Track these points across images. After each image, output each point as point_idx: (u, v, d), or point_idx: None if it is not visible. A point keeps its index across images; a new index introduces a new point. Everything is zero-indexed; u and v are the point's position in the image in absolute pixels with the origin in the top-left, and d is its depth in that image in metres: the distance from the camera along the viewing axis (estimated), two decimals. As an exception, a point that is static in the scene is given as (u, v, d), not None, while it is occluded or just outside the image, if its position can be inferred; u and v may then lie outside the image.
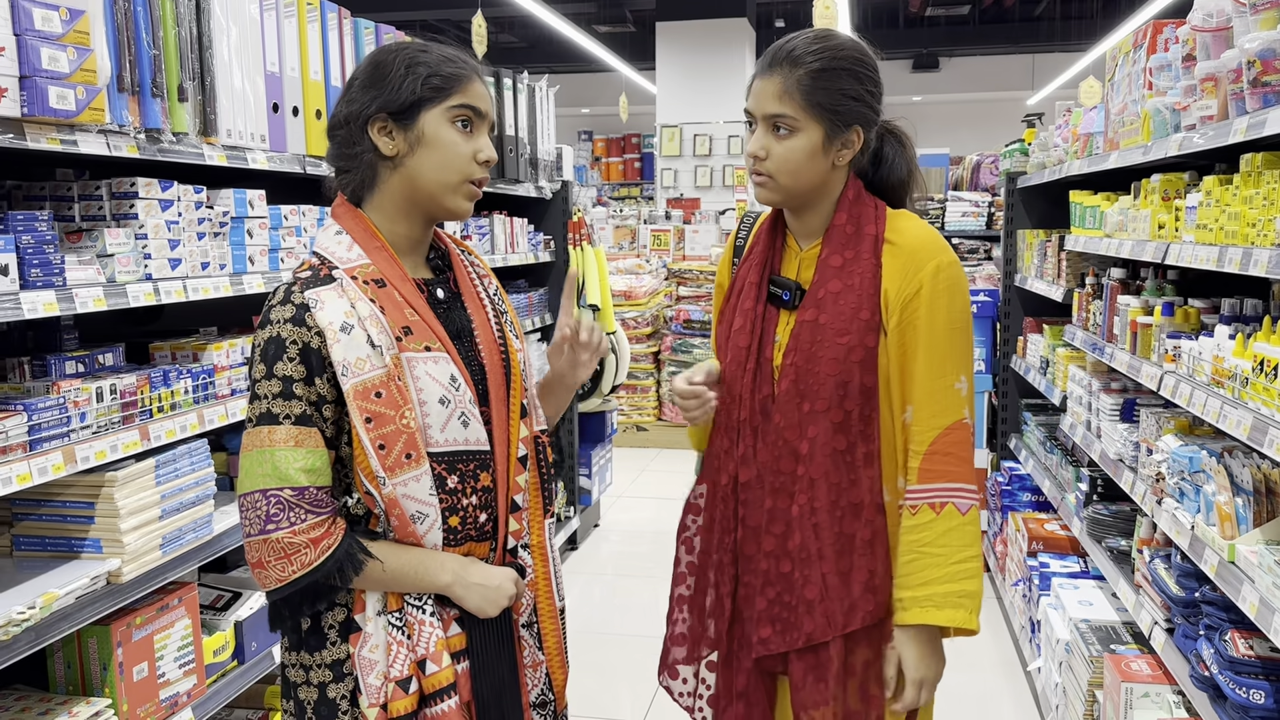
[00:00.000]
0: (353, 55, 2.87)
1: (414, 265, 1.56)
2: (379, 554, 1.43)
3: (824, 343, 1.64)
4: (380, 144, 1.48)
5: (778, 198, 1.69)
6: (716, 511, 1.76)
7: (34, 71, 1.74)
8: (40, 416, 1.85)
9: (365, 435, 1.40)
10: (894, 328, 1.64)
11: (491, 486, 1.52)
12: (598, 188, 15.37)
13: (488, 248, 3.92)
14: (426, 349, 1.46)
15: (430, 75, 1.46)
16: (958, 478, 1.63)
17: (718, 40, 10.10)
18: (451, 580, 1.47)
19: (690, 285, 7.37)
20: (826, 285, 1.66)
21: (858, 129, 1.66)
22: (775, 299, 1.73)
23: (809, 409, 1.65)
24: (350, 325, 1.41)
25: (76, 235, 2.06)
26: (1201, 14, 2.19)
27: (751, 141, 1.67)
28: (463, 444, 1.48)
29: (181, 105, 2.16)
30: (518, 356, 1.59)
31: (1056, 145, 3.89)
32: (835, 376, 1.63)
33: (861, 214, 1.69)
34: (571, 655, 1.78)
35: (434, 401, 1.45)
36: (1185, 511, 2.25)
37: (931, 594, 1.60)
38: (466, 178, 1.49)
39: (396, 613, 1.46)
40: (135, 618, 2.11)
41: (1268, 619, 1.78)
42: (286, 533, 1.39)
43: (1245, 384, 1.99)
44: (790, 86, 1.61)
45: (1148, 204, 2.70)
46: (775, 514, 1.69)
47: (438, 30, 13.68)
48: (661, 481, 6.28)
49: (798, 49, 1.63)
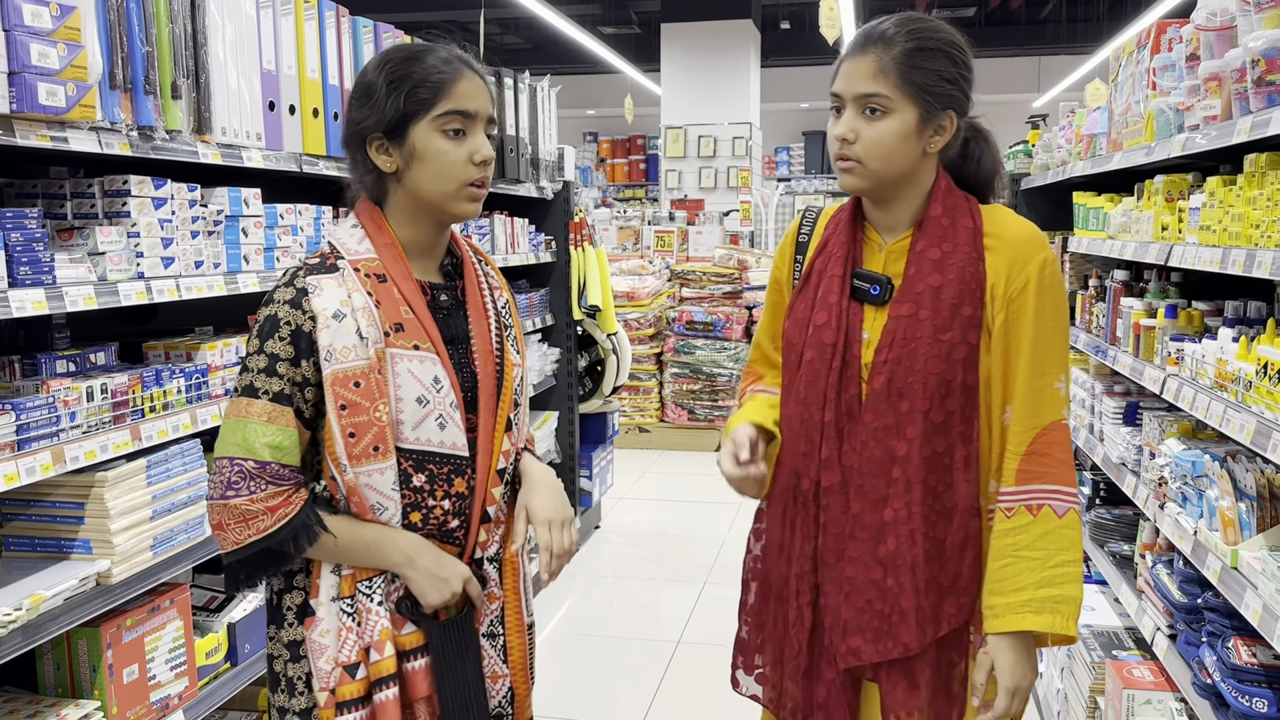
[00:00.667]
0: (351, 53, 2.86)
1: (424, 268, 1.58)
2: (334, 527, 1.48)
3: (924, 339, 1.56)
4: (379, 162, 1.52)
5: (865, 185, 1.60)
6: (795, 518, 1.68)
7: (23, 67, 1.72)
8: (28, 416, 1.83)
9: (336, 421, 1.44)
10: (999, 325, 1.57)
11: (466, 493, 1.54)
12: (603, 189, 15.36)
13: (488, 247, 3.90)
14: (415, 347, 1.49)
15: (414, 88, 1.47)
16: (1056, 479, 1.56)
17: (722, 42, 10.09)
18: (402, 561, 1.49)
19: (693, 286, 7.35)
20: (926, 279, 1.58)
21: (951, 114, 1.58)
22: (860, 294, 1.64)
23: (907, 409, 1.57)
24: (343, 314, 1.46)
25: (68, 233, 2.04)
26: (1205, 13, 2.17)
27: (839, 124, 1.58)
28: (436, 446, 1.50)
29: (175, 103, 2.14)
30: (513, 370, 1.60)
31: (1060, 146, 3.86)
32: (938, 375, 1.56)
33: (956, 206, 1.61)
34: (570, 658, 1.77)
35: (410, 399, 1.48)
36: (1188, 516, 2.23)
37: (1028, 599, 1.53)
38: (463, 183, 1.50)
39: (349, 599, 1.50)
40: (125, 619, 2.10)
41: (1271, 626, 1.75)
42: (244, 500, 1.44)
43: (1248, 387, 1.96)
44: (886, 65, 1.54)
45: (1151, 205, 2.67)
46: (863, 519, 1.60)
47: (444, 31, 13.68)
48: (664, 483, 6.25)
49: (890, 30, 1.56)
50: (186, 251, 2.21)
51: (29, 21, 1.74)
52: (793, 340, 1.70)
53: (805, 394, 1.65)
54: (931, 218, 1.61)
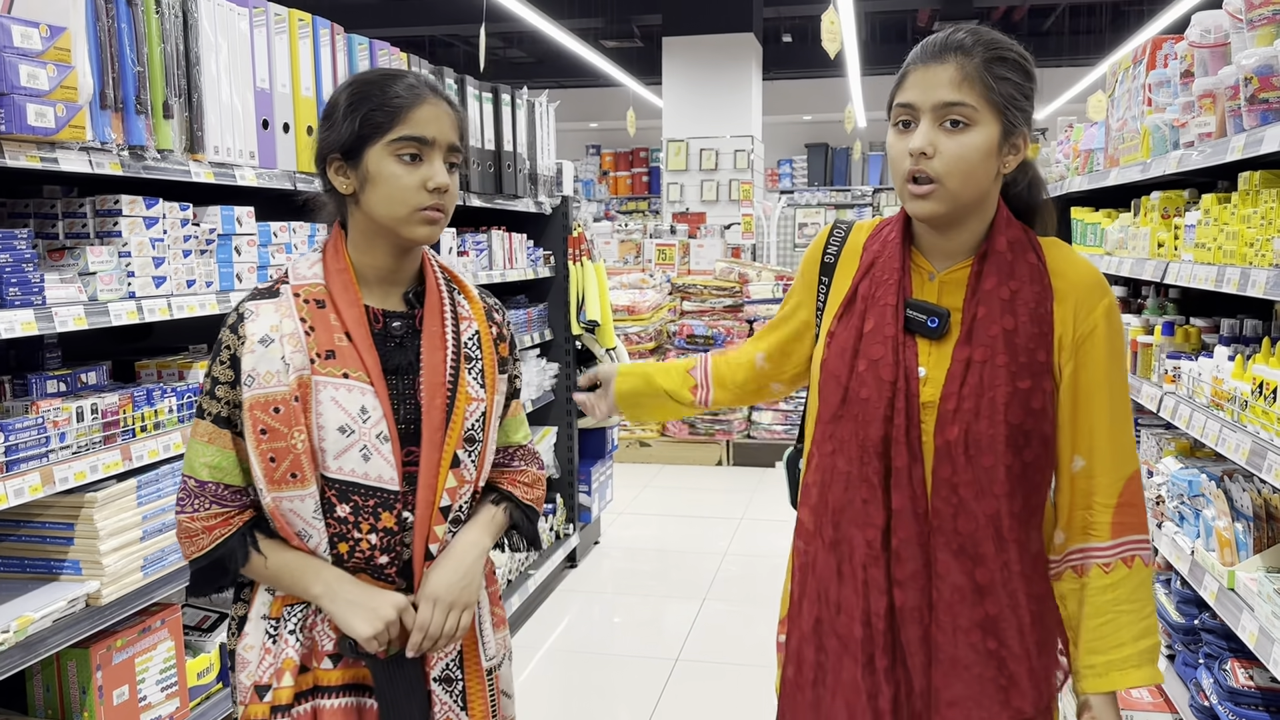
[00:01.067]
0: (346, 71, 2.86)
1: (385, 294, 1.56)
2: (266, 549, 1.49)
3: (1001, 387, 1.43)
4: (336, 183, 1.52)
5: (943, 209, 1.43)
6: (856, 576, 1.49)
7: (12, 89, 1.72)
8: (17, 437, 1.83)
9: (255, 446, 1.45)
10: (1068, 373, 1.47)
11: (396, 529, 1.49)
12: (605, 201, 15.38)
13: (485, 263, 3.90)
14: (345, 375, 1.46)
15: (371, 111, 1.47)
16: (1142, 528, 1.49)
17: (724, 55, 10.11)
18: (322, 592, 1.47)
19: (694, 300, 7.34)
20: (999, 321, 1.45)
21: (1025, 132, 1.46)
22: (913, 325, 1.49)
23: (990, 463, 1.43)
24: (271, 339, 1.46)
25: (59, 253, 2.04)
26: (1199, 29, 2.16)
27: (915, 136, 1.41)
28: (360, 477, 1.47)
29: (167, 122, 2.14)
30: (469, 405, 1.53)
31: (1058, 161, 3.86)
32: (1019, 425, 1.43)
33: (1016, 239, 1.49)
34: (568, 676, 1.72)
35: (332, 428, 1.45)
36: (1185, 536, 2.21)
37: (1129, 655, 1.47)
38: (415, 208, 1.48)
39: (275, 620, 1.50)
40: (115, 640, 2.09)
41: (1267, 649, 1.73)
42: (185, 517, 1.48)
43: (1244, 407, 1.95)
44: (970, 72, 1.40)
45: (1147, 222, 2.66)
46: (951, 579, 1.45)
47: (445, 45, 13.73)
48: (664, 498, 6.23)
49: (966, 40, 1.42)
50: (179, 270, 2.21)
51: (18, 43, 1.74)
52: (836, 371, 1.53)
53: (861, 436, 1.48)
54: (997, 251, 1.47)
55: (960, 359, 1.45)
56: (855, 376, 1.50)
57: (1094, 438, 1.47)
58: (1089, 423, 1.47)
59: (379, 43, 3.01)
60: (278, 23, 2.54)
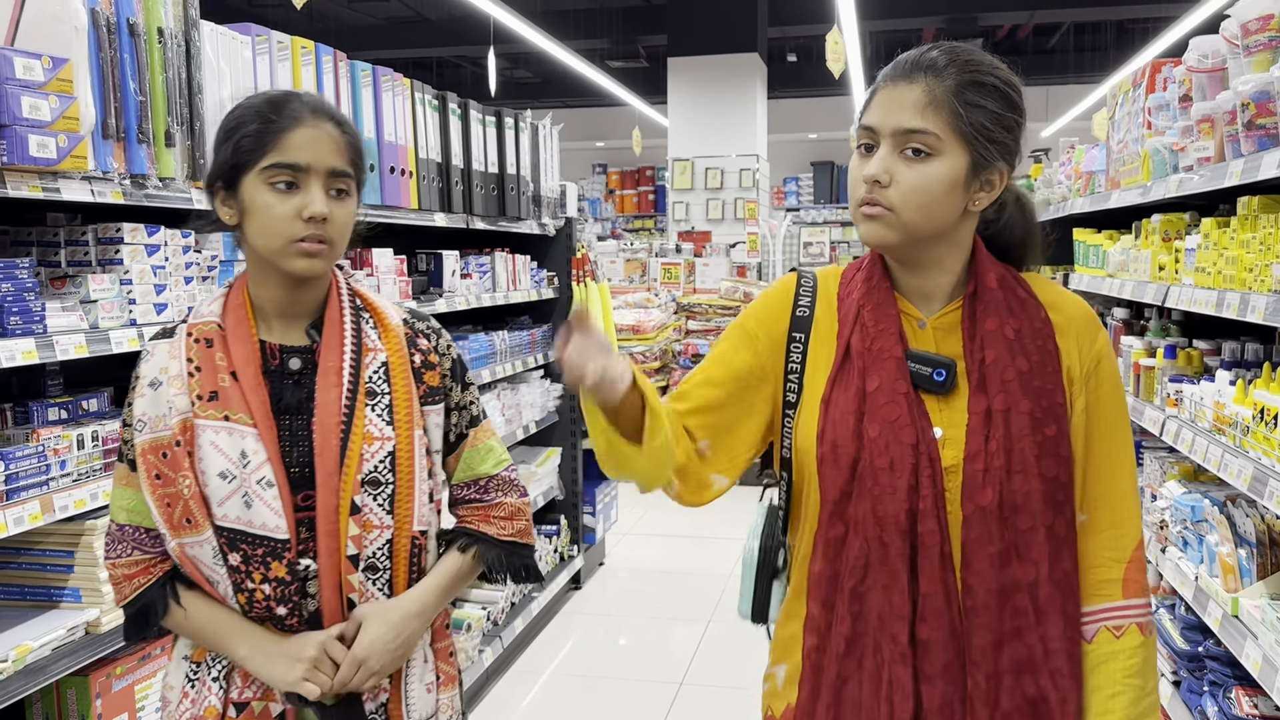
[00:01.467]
0: (349, 97, 2.88)
1: (287, 328, 1.47)
2: (186, 602, 1.45)
3: (1028, 437, 1.29)
4: (220, 213, 1.45)
5: (893, 238, 1.30)
6: (881, 677, 1.31)
7: (14, 120, 1.74)
8: (18, 465, 1.84)
9: (150, 491, 1.41)
10: (1079, 412, 1.34)
11: (289, 579, 1.39)
12: (612, 220, 15.41)
13: (489, 285, 3.91)
14: (226, 418, 1.39)
15: (242, 138, 1.39)
16: (1148, 592, 1.37)
17: (729, 75, 10.14)
18: (246, 654, 1.40)
19: (699, 319, 7.34)
20: (1012, 363, 1.31)
21: (1001, 168, 1.32)
22: (918, 380, 1.33)
23: (1029, 524, 1.28)
24: (159, 382, 1.42)
25: (61, 280, 2.05)
26: (1197, 54, 2.17)
27: (871, 163, 1.29)
28: (245, 525, 1.38)
29: (169, 150, 2.16)
30: (369, 445, 1.42)
31: (1060, 182, 3.86)
32: (1053, 478, 1.29)
33: (1002, 276, 1.37)
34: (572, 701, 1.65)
35: (213, 474, 1.38)
36: (1189, 561, 2.20)
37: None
38: (289, 239, 1.38)
39: (196, 664, 1.46)
40: (115, 668, 2.09)
41: (1271, 678, 1.72)
42: (109, 564, 1.46)
43: (1246, 432, 1.94)
44: (939, 97, 1.27)
45: (1148, 244, 2.66)
46: (982, 665, 1.29)
47: (453, 67, 13.82)
48: (669, 518, 6.22)
49: (940, 58, 1.29)
50: (180, 298, 2.22)
51: (20, 75, 1.76)
52: (839, 442, 1.33)
53: (880, 512, 1.30)
54: (989, 288, 1.34)
55: (978, 411, 1.30)
56: (867, 445, 1.31)
57: (1110, 484, 1.35)
58: (1101, 467, 1.35)
59: (382, 68, 3.03)
60: (280, 50, 2.56)
